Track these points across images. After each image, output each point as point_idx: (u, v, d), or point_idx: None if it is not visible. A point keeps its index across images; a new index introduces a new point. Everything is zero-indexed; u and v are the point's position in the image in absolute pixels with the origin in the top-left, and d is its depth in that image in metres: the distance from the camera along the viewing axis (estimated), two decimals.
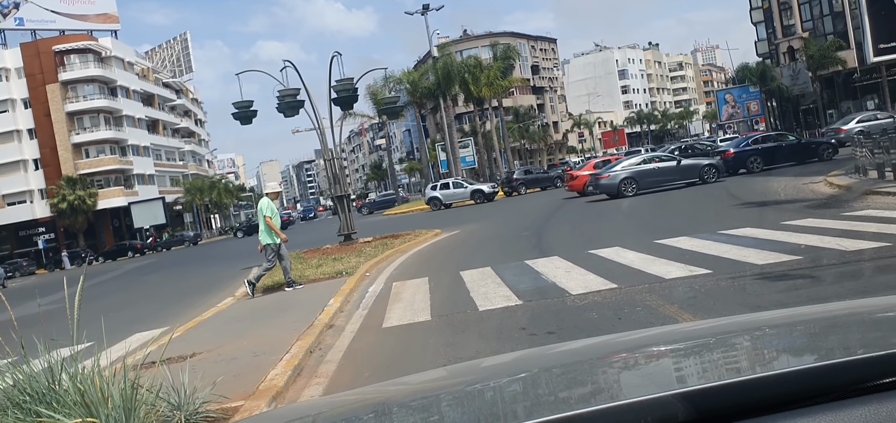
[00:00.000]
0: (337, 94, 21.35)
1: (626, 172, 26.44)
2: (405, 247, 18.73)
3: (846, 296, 6.56)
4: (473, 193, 45.31)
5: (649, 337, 2.13)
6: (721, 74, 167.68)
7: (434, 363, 6.53)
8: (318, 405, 2.77)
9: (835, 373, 1.18)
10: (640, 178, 26.07)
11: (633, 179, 25.96)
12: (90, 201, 68.36)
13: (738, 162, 28.21)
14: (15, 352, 4.72)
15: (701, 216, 16.00)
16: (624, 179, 25.94)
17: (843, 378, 1.15)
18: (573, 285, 9.26)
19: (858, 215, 12.21)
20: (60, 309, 4.87)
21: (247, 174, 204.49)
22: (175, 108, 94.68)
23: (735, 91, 76.46)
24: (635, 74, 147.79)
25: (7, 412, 4.41)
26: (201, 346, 8.43)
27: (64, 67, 71.25)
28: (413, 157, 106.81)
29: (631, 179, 25.96)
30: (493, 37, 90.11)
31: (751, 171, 27.43)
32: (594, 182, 27.67)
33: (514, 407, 1.55)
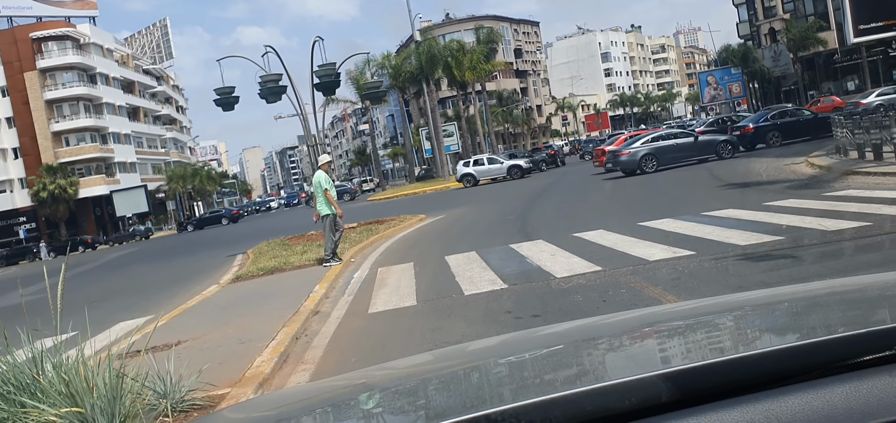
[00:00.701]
0: (319, 79, 21.26)
1: (646, 148, 26.61)
2: (390, 232, 18.72)
3: (827, 275, 6.63)
4: (510, 168, 43.57)
5: (633, 319, 2.14)
6: (703, 57, 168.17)
7: (420, 347, 6.55)
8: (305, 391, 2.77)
9: (816, 351, 1.19)
10: (660, 154, 26.25)
11: (654, 155, 26.16)
12: (71, 190, 67.71)
13: (758, 137, 28.56)
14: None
15: (686, 198, 16.10)
16: (644, 155, 26.12)
17: (825, 356, 1.16)
18: (558, 269, 9.30)
19: (839, 195, 12.33)
20: (42, 300, 4.83)
21: (230, 161, 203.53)
22: (156, 95, 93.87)
23: (717, 73, 76.82)
24: (618, 56, 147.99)
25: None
26: (186, 334, 8.40)
27: (42, 55, 70.38)
28: (397, 142, 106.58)
29: (651, 155, 26.15)
30: (476, 20, 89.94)
31: (769, 145, 27.76)
32: (613, 159, 27.61)
33: (501, 390, 1.56)
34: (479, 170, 44.10)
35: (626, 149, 27.20)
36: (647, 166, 25.65)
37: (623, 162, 26.43)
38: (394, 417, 1.50)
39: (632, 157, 26.24)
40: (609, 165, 27.88)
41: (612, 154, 28.24)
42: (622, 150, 27.57)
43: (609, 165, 27.88)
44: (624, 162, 26.39)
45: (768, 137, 28.13)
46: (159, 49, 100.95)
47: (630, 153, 26.47)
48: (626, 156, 26.50)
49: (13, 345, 4.70)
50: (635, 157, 26.14)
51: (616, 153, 27.66)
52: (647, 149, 26.46)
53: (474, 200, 29.27)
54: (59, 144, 70.86)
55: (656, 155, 26.11)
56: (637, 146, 26.88)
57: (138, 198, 72.01)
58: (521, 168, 43.57)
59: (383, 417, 1.54)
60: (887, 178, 13.65)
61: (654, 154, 26.14)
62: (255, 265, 15.12)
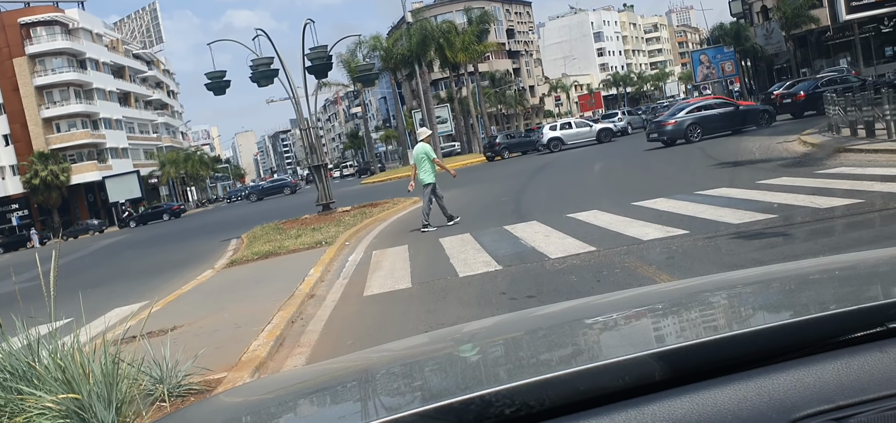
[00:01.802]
0: (311, 62, 21.14)
1: (692, 117, 26.86)
2: (384, 215, 18.72)
3: (819, 253, 6.67)
4: (600, 132, 42.33)
5: (627, 298, 2.15)
6: (696, 35, 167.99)
7: (416, 329, 6.57)
8: (301, 374, 2.78)
9: (808, 328, 1.20)
10: (705, 122, 26.49)
11: (699, 123, 26.43)
12: (63, 177, 67.37)
13: (809, 104, 28.80)
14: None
15: (680, 177, 16.12)
16: (690, 123, 26.43)
17: (816, 333, 1.17)
18: (552, 249, 9.33)
19: (831, 172, 12.38)
20: (37, 287, 4.83)
21: (222, 145, 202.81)
22: (146, 79, 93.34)
23: (710, 52, 76.59)
24: (611, 36, 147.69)
25: None
26: (182, 319, 8.40)
27: (30, 40, 69.80)
28: (389, 124, 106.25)
29: (696, 123, 26.43)
30: (467, 1, 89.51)
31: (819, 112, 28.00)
32: (657, 127, 27.82)
33: (496, 371, 1.57)
34: (566, 134, 42.84)
35: (672, 118, 27.52)
36: (692, 135, 26.02)
37: (669, 131, 26.69)
38: (390, 398, 1.51)
39: (678, 126, 26.57)
40: (652, 134, 28.13)
41: (656, 124, 28.61)
42: (667, 119, 27.91)
43: (652, 135, 28.13)
44: (670, 131, 26.65)
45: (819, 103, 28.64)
46: (149, 33, 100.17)
47: (676, 122, 26.80)
48: (672, 125, 26.79)
49: (8, 332, 4.70)
50: (682, 126, 26.49)
51: (661, 122, 28.00)
52: (693, 118, 26.82)
53: (469, 181, 29.24)
54: (50, 130, 70.44)
55: (700, 124, 26.44)
56: (682, 116, 27.24)
57: (131, 184, 71.73)
58: (610, 131, 42.84)
59: (380, 398, 1.55)
60: (879, 155, 13.70)
61: (698, 122, 26.48)
62: (249, 250, 15.11)
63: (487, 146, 50.41)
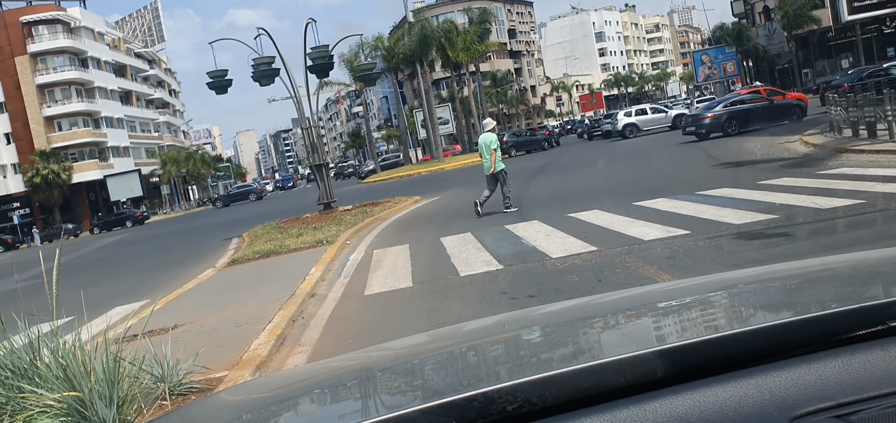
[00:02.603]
0: (313, 61, 21.14)
1: (729, 111, 27.34)
2: (385, 214, 18.72)
3: (820, 253, 6.67)
4: (677, 117, 40.68)
5: (629, 297, 2.15)
6: (697, 35, 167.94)
7: (416, 328, 6.57)
8: (302, 373, 2.78)
9: (809, 326, 1.21)
10: (741, 116, 26.98)
11: (735, 117, 26.90)
12: (65, 175, 67.37)
13: None
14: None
15: (681, 177, 16.11)
16: (727, 117, 26.87)
17: (818, 331, 1.18)
18: (553, 249, 9.33)
19: (833, 173, 12.37)
20: (39, 285, 4.83)
21: (224, 145, 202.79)
22: (148, 78, 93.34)
23: (711, 52, 76.65)
24: (612, 36, 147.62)
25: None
26: (183, 318, 8.41)
27: (32, 39, 69.81)
28: (391, 124, 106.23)
29: (733, 117, 26.89)
30: (469, 0, 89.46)
31: None
32: (694, 121, 28.29)
33: (497, 369, 1.57)
34: (642, 119, 42.21)
35: (709, 112, 27.94)
36: (729, 128, 26.43)
37: (708, 124, 27.10)
38: (391, 397, 1.51)
39: (716, 119, 26.96)
40: (689, 128, 28.53)
41: (693, 117, 29.10)
42: (705, 113, 28.33)
43: (688, 129, 28.51)
44: (708, 124, 27.06)
45: None
46: (151, 32, 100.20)
47: (714, 116, 27.20)
48: (711, 119, 27.20)
49: (10, 330, 4.71)
50: (719, 119, 26.89)
51: (699, 116, 28.44)
52: (730, 112, 27.28)
53: (471, 181, 29.23)
54: (52, 129, 70.45)
55: (737, 117, 26.89)
56: (720, 109, 27.68)
57: (132, 182, 71.73)
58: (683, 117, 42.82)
59: (380, 397, 1.55)
60: (881, 155, 13.69)
61: (735, 116, 26.94)
62: (250, 249, 15.12)
63: None
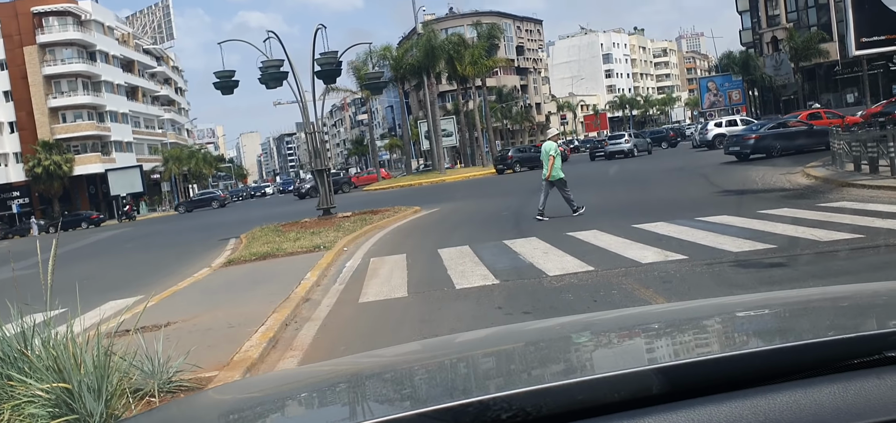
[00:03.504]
0: (320, 67, 21.19)
1: (773, 133, 28.25)
2: (384, 223, 18.71)
3: (818, 285, 6.65)
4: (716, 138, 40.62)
5: (624, 317, 2.15)
6: (704, 62, 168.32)
7: (409, 338, 6.54)
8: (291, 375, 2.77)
9: (806, 352, 1.21)
10: (784, 139, 27.63)
11: (778, 139, 27.59)
12: (66, 167, 67.46)
13: None
14: None
15: (681, 202, 16.11)
16: (771, 139, 27.60)
17: (814, 357, 1.18)
18: (550, 267, 9.32)
19: (833, 206, 12.36)
20: (34, 274, 4.83)
21: (227, 145, 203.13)
22: (155, 75, 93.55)
23: (718, 79, 76.89)
24: (620, 58, 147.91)
25: None
26: (176, 315, 8.39)
27: (42, 29, 70.04)
28: (395, 133, 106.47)
29: (776, 139, 27.62)
30: (479, 16, 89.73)
31: None
32: (738, 141, 28.91)
33: (487, 381, 1.57)
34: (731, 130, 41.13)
35: (754, 133, 28.80)
36: (773, 150, 27.00)
37: (752, 145, 27.78)
38: (379, 405, 1.51)
39: (760, 141, 27.67)
40: (731, 148, 29.02)
41: (737, 138, 29.75)
42: (749, 134, 29.22)
43: (731, 149, 28.99)
44: (753, 145, 27.75)
45: None
46: (160, 29, 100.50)
47: (759, 137, 28.00)
48: (755, 140, 27.94)
49: (3, 319, 4.70)
50: (763, 141, 27.64)
51: (742, 137, 29.24)
52: (774, 134, 28.14)
53: (471, 194, 29.27)
54: (56, 120, 70.56)
55: (779, 140, 27.51)
56: (764, 132, 28.53)
57: (133, 178, 71.70)
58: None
59: (368, 403, 1.54)
60: (882, 191, 13.69)
61: (778, 139, 27.60)
62: (247, 250, 15.11)
63: (499, 159, 50.61)
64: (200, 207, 66.57)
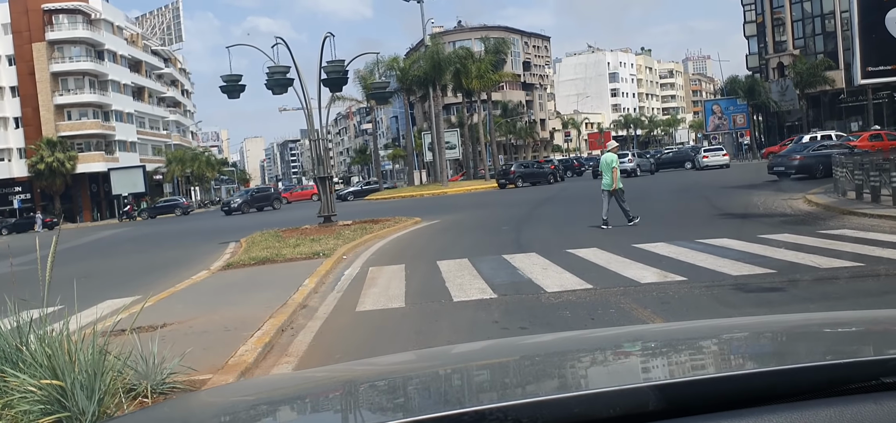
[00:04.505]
0: (327, 75, 21.25)
1: (817, 154, 28.89)
2: (384, 233, 18.71)
3: (816, 312, 6.63)
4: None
5: (621, 334, 2.16)
6: (710, 85, 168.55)
7: (405, 349, 6.53)
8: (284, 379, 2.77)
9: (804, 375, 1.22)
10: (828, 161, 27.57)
11: (822, 160, 27.57)
12: (69, 165, 67.52)
13: None
14: None
15: (682, 223, 16.10)
16: (816, 160, 28.04)
17: (813, 380, 1.19)
18: (549, 283, 9.31)
19: (834, 233, 12.35)
20: (32, 271, 4.83)
21: (231, 149, 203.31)
22: (162, 76, 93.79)
23: (723, 102, 77.03)
24: (626, 77, 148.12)
25: None
26: (173, 317, 8.38)
27: (51, 26, 70.31)
28: (398, 143, 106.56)
29: (821, 160, 27.73)
30: (486, 30, 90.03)
31: None
32: (783, 161, 29.72)
33: (482, 393, 1.57)
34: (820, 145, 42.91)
35: (799, 154, 29.75)
36: (816, 171, 27.18)
37: (797, 165, 28.48)
38: (372, 412, 1.51)
39: (805, 161, 28.46)
40: (776, 167, 29.56)
41: (782, 158, 30.57)
42: (793, 153, 30.26)
43: (776, 168, 29.49)
44: (797, 165, 28.45)
45: None
46: (169, 31, 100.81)
47: (804, 158, 28.91)
48: (800, 160, 28.76)
49: (0, 314, 4.71)
50: (808, 161, 28.38)
51: (787, 156, 30.19)
52: (818, 154, 28.68)
53: (472, 207, 29.27)
54: (61, 117, 70.72)
55: (824, 161, 27.53)
56: (809, 153, 29.47)
57: (136, 178, 71.71)
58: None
59: (361, 411, 1.54)
60: (883, 220, 13.67)
61: (822, 160, 27.67)
62: (246, 255, 15.11)
63: (501, 173, 50.46)
64: (164, 214, 65.72)
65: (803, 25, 64.77)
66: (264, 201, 53.79)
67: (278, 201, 55.53)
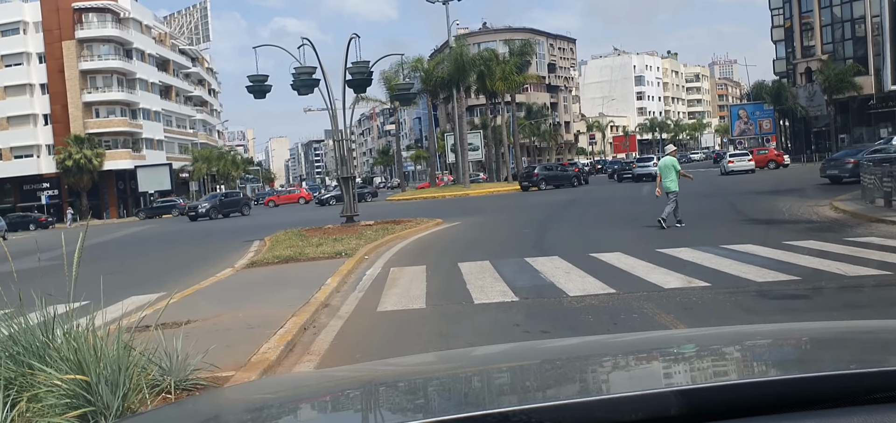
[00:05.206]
0: (352, 76, 21.33)
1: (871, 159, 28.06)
2: (406, 234, 18.75)
3: (841, 320, 6.55)
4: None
5: (645, 339, 2.15)
6: (737, 90, 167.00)
7: (426, 350, 6.53)
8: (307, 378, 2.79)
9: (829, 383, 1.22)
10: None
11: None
12: (96, 161, 68.32)
13: None
14: (13, 304, 4.76)
15: (707, 229, 15.97)
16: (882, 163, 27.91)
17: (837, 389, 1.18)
18: (571, 287, 9.27)
19: (860, 241, 12.18)
20: (60, 266, 4.90)
21: (256, 148, 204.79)
22: (189, 75, 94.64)
23: (749, 107, 76.33)
24: (652, 81, 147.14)
25: (0, 362, 4.45)
26: (197, 314, 8.46)
27: (81, 25, 71.23)
28: (421, 145, 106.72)
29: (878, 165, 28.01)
30: (512, 32, 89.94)
31: None
32: (838, 165, 29.24)
33: (501, 396, 1.57)
34: None
35: (854, 157, 28.78)
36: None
37: (851, 169, 27.78)
38: (393, 414, 1.51)
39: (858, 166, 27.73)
40: (830, 171, 29.24)
41: (836, 161, 30.18)
42: (847, 158, 29.53)
43: (830, 172, 29.17)
44: (852, 169, 27.74)
45: None
46: (197, 31, 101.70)
47: (857, 162, 27.94)
48: (852, 164, 27.94)
49: (27, 308, 4.77)
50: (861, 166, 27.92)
51: (842, 160, 29.69)
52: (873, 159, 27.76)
53: (494, 210, 29.23)
54: (89, 114, 71.64)
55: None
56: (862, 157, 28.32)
57: (162, 175, 72.45)
58: None
59: (382, 411, 1.55)
60: None
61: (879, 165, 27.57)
62: (270, 253, 15.22)
63: (524, 176, 50.27)
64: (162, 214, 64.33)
65: (832, 30, 63.93)
66: (233, 207, 51.27)
67: (247, 207, 53.34)
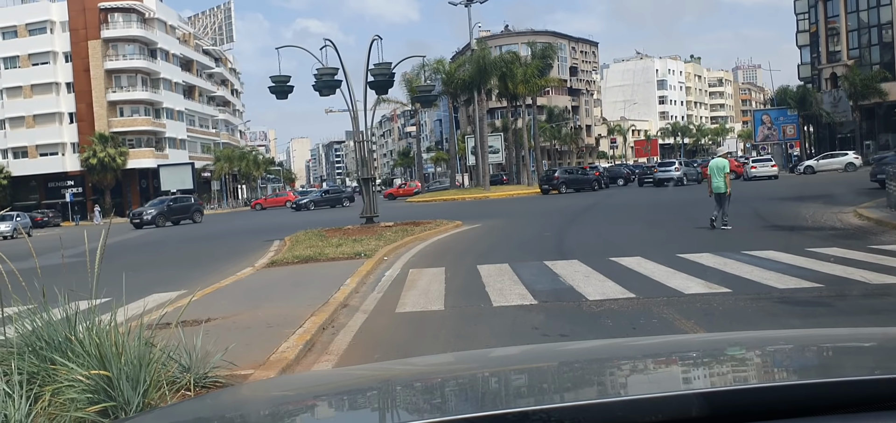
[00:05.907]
0: (374, 77, 21.40)
1: None
2: (425, 235, 18.77)
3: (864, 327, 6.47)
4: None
5: (664, 342, 2.14)
6: (760, 94, 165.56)
7: (444, 351, 6.52)
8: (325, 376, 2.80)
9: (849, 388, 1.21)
10: None
11: None
12: (120, 160, 69.16)
13: None
14: (36, 300, 4.83)
15: (732, 234, 15.85)
16: None
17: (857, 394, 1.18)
18: (590, 291, 9.23)
19: (886, 248, 12.01)
20: (83, 262, 4.95)
21: (278, 149, 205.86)
22: (213, 76, 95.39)
23: (772, 112, 75.45)
24: (674, 85, 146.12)
25: (24, 356, 4.50)
26: (217, 312, 8.52)
27: (107, 25, 72.11)
28: (441, 147, 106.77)
29: None
30: (534, 35, 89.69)
31: None
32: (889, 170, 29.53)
33: (519, 397, 1.57)
34: None
35: None
36: None
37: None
38: (410, 413, 1.52)
39: None
40: (878, 175, 29.04)
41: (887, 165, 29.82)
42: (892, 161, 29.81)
43: (878, 176, 28.99)
44: None
45: None
46: (220, 31, 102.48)
47: None
48: None
49: (50, 304, 4.83)
50: None
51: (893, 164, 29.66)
52: None
53: (513, 211, 29.17)
54: (114, 113, 72.49)
55: None
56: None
57: (184, 175, 73.05)
58: None
59: (399, 410, 1.56)
60: None
61: None
62: (290, 253, 15.30)
63: (544, 179, 50.20)
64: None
65: (859, 35, 63.24)
66: (183, 214, 45.61)
67: (199, 214, 47.46)
